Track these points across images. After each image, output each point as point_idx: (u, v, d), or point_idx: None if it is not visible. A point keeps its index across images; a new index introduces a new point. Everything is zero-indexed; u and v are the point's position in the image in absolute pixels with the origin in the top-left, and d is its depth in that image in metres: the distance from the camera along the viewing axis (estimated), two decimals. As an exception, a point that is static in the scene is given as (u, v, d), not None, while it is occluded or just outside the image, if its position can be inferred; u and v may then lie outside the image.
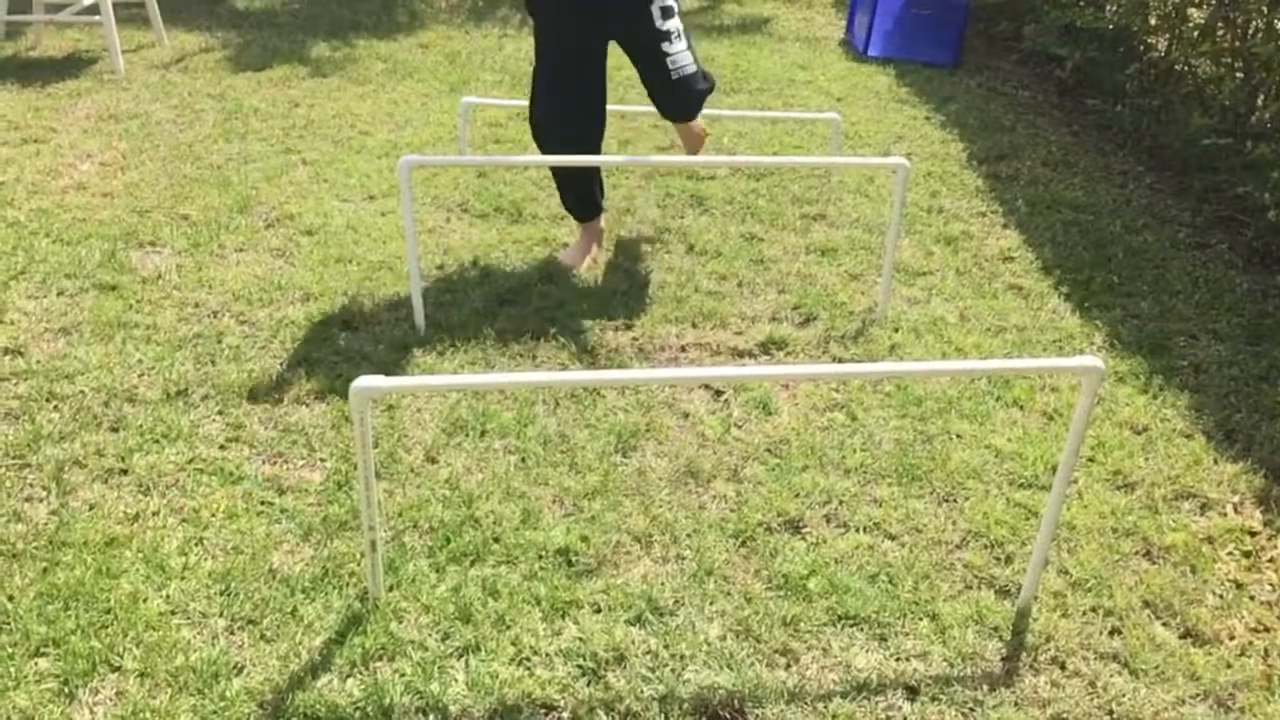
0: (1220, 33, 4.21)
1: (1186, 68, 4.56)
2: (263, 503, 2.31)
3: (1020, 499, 2.43)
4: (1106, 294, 3.36)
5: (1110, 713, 1.93)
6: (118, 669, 1.90)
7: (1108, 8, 5.04)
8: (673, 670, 1.96)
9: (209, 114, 4.50)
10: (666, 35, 2.99)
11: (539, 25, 3.10)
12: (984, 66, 5.77)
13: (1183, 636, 2.10)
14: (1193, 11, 4.51)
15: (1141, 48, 4.98)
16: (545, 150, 3.19)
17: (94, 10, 5.03)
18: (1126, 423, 2.73)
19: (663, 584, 2.15)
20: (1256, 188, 3.65)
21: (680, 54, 3.02)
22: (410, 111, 4.64)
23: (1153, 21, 4.74)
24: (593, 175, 3.32)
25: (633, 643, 2.01)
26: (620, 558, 2.21)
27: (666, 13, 3.00)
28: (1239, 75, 4.11)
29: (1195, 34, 4.38)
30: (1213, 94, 4.27)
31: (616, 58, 3.16)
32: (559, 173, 3.29)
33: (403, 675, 1.91)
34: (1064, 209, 3.98)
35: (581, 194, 3.32)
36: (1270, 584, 2.25)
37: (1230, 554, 2.33)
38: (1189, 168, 4.27)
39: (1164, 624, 2.13)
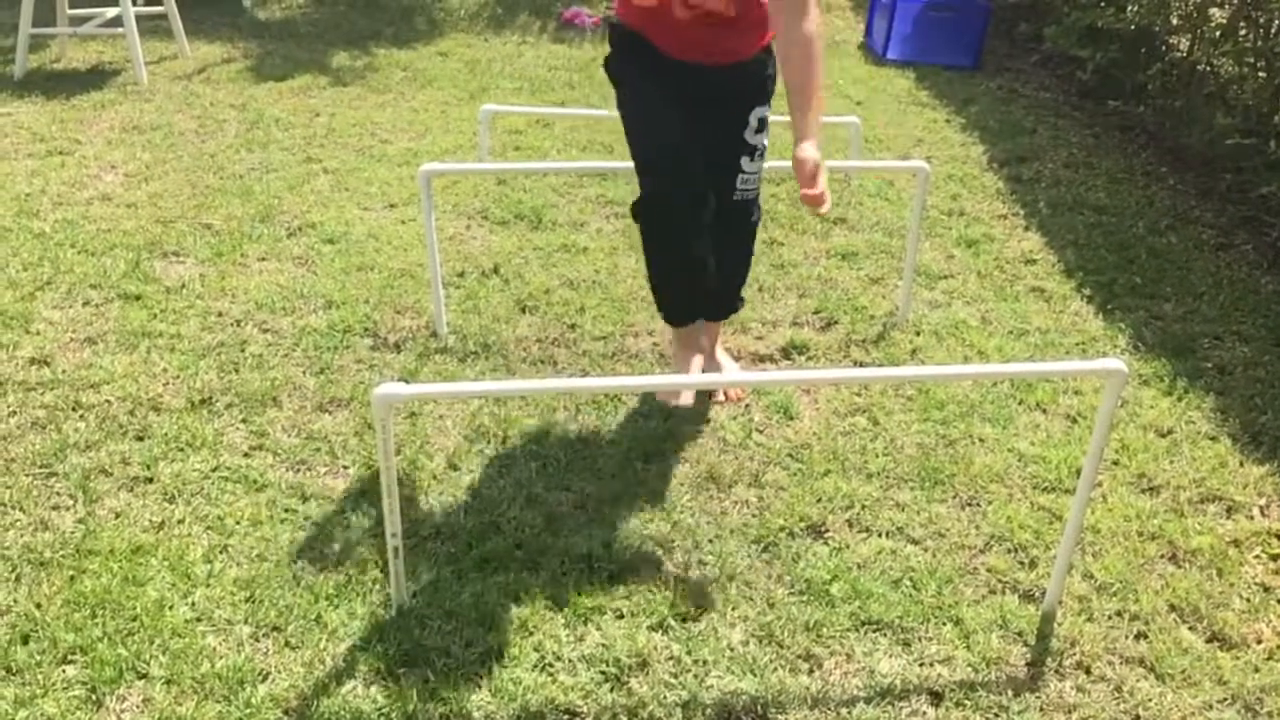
0: (1243, 32, 4.18)
1: (1209, 68, 4.53)
2: (286, 510, 2.33)
3: (1044, 503, 2.42)
4: (1130, 296, 3.35)
5: (1137, 717, 1.92)
6: (144, 676, 1.91)
7: (1129, 8, 5.01)
8: (695, 676, 1.96)
9: (231, 124, 4.53)
10: (753, 150, 2.49)
11: (624, 96, 2.55)
12: (1004, 68, 5.75)
13: (1209, 641, 2.09)
14: (1214, 11, 4.47)
15: (1163, 48, 4.95)
16: (652, 215, 2.53)
17: (117, 22, 5.08)
18: (1151, 425, 2.71)
19: (685, 590, 2.14)
20: (1281, 188, 3.63)
21: (755, 175, 2.53)
22: (430, 119, 4.66)
23: (1174, 21, 4.71)
24: (704, 255, 2.58)
25: (655, 648, 2.01)
26: (642, 564, 2.21)
27: (763, 124, 2.50)
28: (1262, 75, 4.07)
29: (1217, 34, 4.35)
30: (1236, 94, 4.24)
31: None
32: (658, 255, 2.60)
33: (426, 682, 1.92)
34: (1086, 211, 3.96)
35: (677, 296, 2.67)
36: (1298, 587, 2.24)
37: (1257, 557, 2.31)
38: (1212, 168, 4.25)
39: (1190, 628, 2.11)
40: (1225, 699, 1.96)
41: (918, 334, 3.08)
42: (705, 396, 2.71)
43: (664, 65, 2.42)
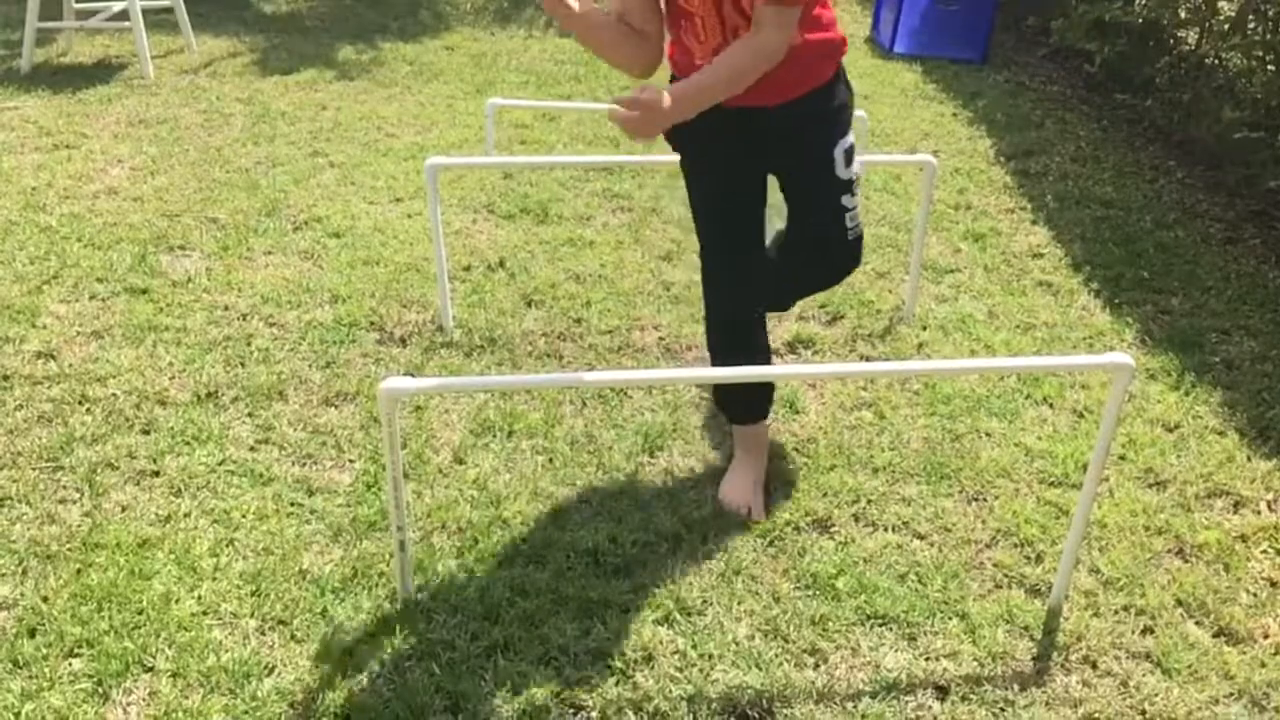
0: (1251, 25, 4.16)
1: (1217, 61, 4.52)
2: (293, 504, 2.33)
3: (1050, 497, 2.42)
4: (1137, 290, 3.34)
5: (1143, 713, 1.91)
6: (150, 669, 1.92)
7: (1137, 1, 4.99)
8: (701, 670, 1.96)
9: (237, 118, 4.53)
10: (850, 185, 2.26)
11: (688, 164, 2.35)
12: (1011, 62, 5.74)
13: (1216, 635, 2.08)
14: (1223, 4, 4.46)
15: (1171, 41, 4.93)
16: (719, 315, 2.44)
17: (123, 17, 5.08)
18: (1158, 420, 2.71)
19: (690, 584, 2.14)
20: (1289, 182, 3.61)
21: (859, 207, 2.30)
22: (436, 113, 4.66)
23: (1182, 15, 4.69)
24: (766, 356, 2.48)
25: (661, 642, 2.01)
26: (648, 557, 2.21)
27: (851, 154, 2.26)
28: (1270, 68, 4.06)
29: (1226, 27, 4.33)
30: (1244, 87, 4.22)
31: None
32: (722, 349, 2.45)
33: (432, 675, 1.92)
34: (1093, 205, 3.95)
35: (740, 390, 2.44)
36: (1305, 582, 2.23)
37: (1264, 552, 2.30)
38: (1220, 162, 4.23)
39: (1197, 623, 2.11)
40: (1231, 694, 1.96)
41: (924, 328, 3.08)
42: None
43: (728, 120, 2.16)
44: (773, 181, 2.33)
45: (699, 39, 2.13)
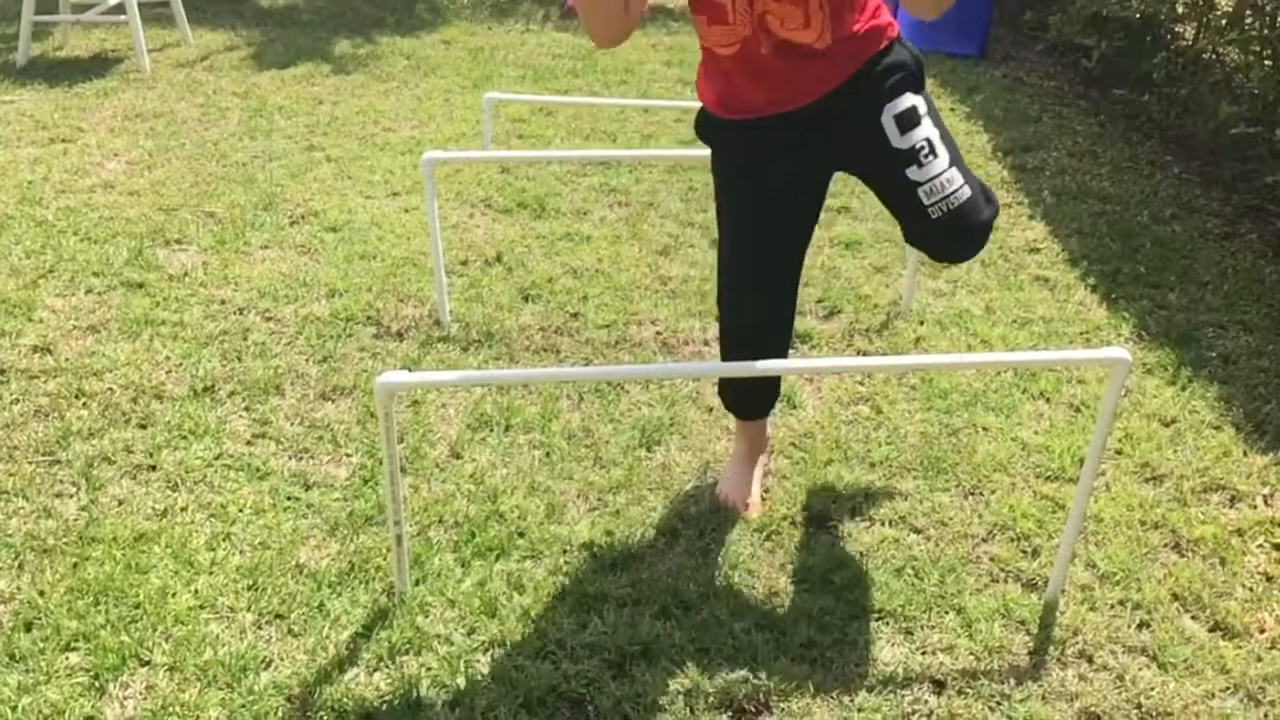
0: (1249, 20, 4.16)
1: (1214, 56, 4.51)
2: (289, 498, 2.33)
3: (1047, 492, 2.42)
4: (1134, 285, 3.34)
5: (1139, 706, 1.92)
6: (147, 663, 1.92)
7: (1134, -4, 4.99)
8: (698, 664, 1.96)
9: (234, 112, 4.52)
10: (913, 155, 1.97)
11: (717, 166, 2.18)
12: (1009, 57, 5.73)
13: (1212, 630, 2.09)
14: (1220, -1, 4.47)
15: (1169, 36, 4.93)
16: (728, 335, 2.30)
17: (120, 10, 5.07)
18: (1154, 414, 2.71)
19: (688, 578, 2.14)
20: (1286, 177, 3.61)
21: (940, 176, 1.97)
22: (433, 108, 4.66)
23: (1180, 9, 4.69)
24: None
25: (658, 637, 2.00)
26: (645, 552, 2.21)
27: (908, 119, 1.98)
28: (1268, 63, 4.06)
29: (1223, 22, 4.33)
30: (1242, 82, 4.23)
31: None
32: (725, 352, 2.33)
33: (429, 669, 1.92)
34: (1091, 200, 3.95)
35: (746, 386, 2.35)
36: (1301, 577, 2.23)
37: (1260, 547, 2.31)
38: (1217, 157, 4.23)
39: (1193, 617, 2.11)
40: (1228, 688, 1.96)
41: (921, 323, 3.08)
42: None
43: (757, 130, 2.05)
44: None
45: (728, 24, 1.95)
